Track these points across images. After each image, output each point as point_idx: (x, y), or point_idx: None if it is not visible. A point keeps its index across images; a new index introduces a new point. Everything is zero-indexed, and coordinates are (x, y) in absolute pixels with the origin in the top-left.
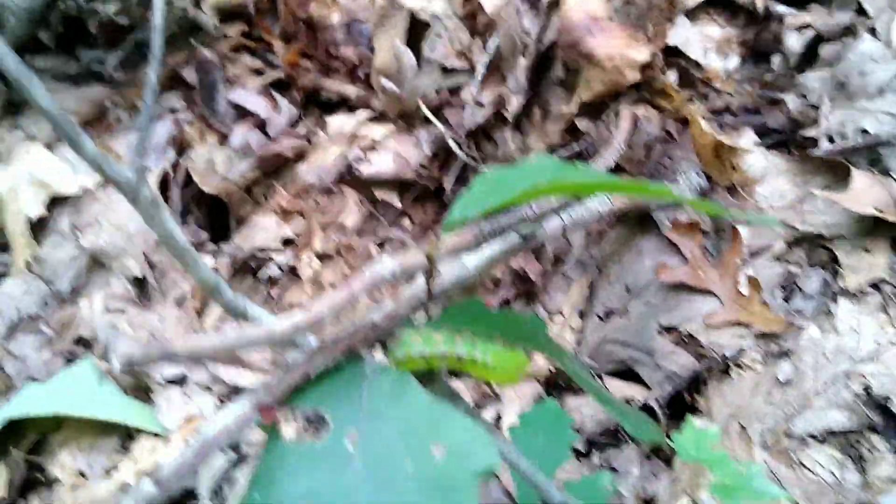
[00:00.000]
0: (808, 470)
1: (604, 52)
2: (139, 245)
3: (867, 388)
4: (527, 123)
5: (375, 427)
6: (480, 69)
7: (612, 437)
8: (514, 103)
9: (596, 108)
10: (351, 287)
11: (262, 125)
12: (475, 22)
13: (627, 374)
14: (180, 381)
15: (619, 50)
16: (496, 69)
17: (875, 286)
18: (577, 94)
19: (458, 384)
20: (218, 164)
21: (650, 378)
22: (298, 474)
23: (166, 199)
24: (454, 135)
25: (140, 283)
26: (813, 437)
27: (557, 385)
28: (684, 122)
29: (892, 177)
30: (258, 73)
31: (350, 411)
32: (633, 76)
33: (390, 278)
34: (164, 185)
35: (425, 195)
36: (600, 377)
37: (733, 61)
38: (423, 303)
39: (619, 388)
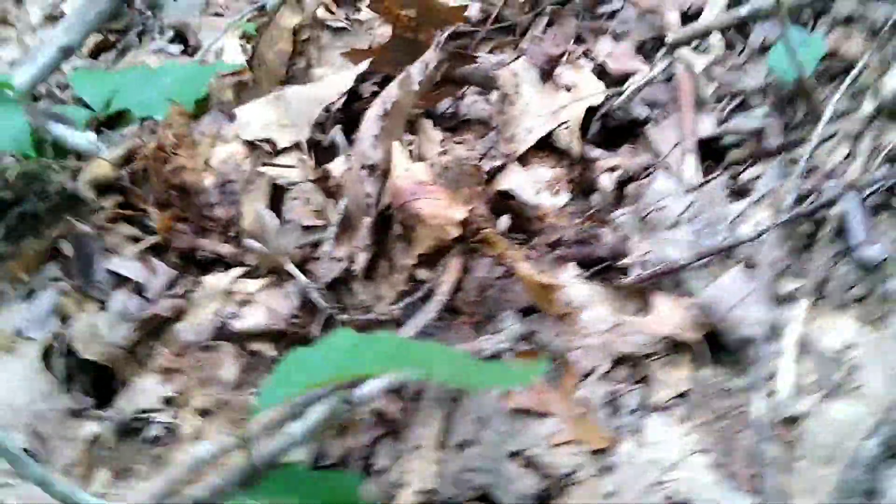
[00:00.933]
0: None
1: (428, 212)
2: (25, 419)
3: (670, 496)
4: (377, 274)
5: None
6: (333, 228)
7: None
8: (361, 259)
9: (433, 258)
10: (170, 475)
11: (139, 290)
12: (328, 185)
13: (485, 498)
14: None
15: (441, 211)
16: (348, 226)
17: (681, 396)
18: (413, 248)
19: None
20: (100, 330)
21: (503, 502)
22: None
23: (50, 368)
24: (318, 286)
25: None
26: None
27: None
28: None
29: (700, 300)
30: (135, 240)
31: None
32: (455, 232)
33: (210, 460)
34: (48, 354)
35: (298, 341)
36: None
37: (563, 198)
38: (247, 475)
39: None
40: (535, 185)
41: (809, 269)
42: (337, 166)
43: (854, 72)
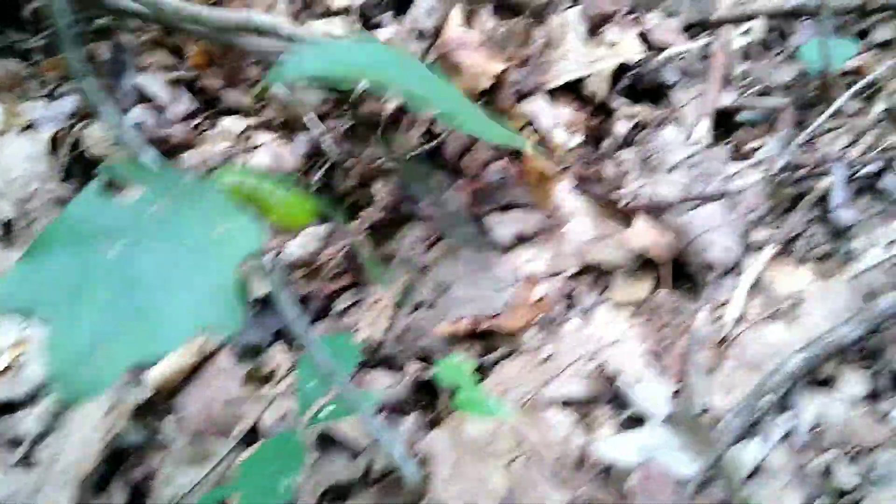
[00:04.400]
0: (546, 427)
1: (468, 62)
2: (17, 192)
3: (601, 366)
4: (394, 129)
5: (179, 206)
6: (364, 83)
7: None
8: (388, 108)
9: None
10: None
11: (159, 110)
12: None
13: (427, 359)
14: None
15: (480, 62)
16: None
17: (634, 305)
18: None
19: None
20: (112, 137)
21: None
22: (106, 210)
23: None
24: (332, 135)
25: (8, 227)
26: (555, 400)
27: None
28: (516, 156)
29: (675, 227)
30: (170, 68)
31: (163, 189)
32: (487, 82)
33: None
34: (57, 145)
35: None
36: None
37: (576, 139)
38: None
39: (419, 369)
40: (554, 118)
41: (784, 225)
42: (384, 33)
43: (870, 77)
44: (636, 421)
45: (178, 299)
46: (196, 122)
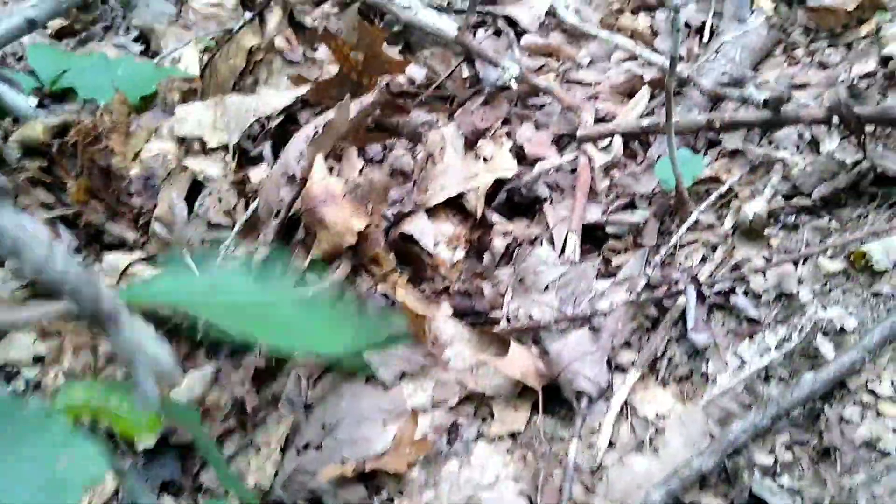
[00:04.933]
0: None
1: (332, 218)
2: None
3: None
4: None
5: (21, 440)
6: (237, 226)
7: None
8: (260, 254)
9: (324, 265)
10: None
11: None
12: (245, 188)
13: (317, 502)
14: None
15: (344, 218)
16: (253, 228)
17: (512, 435)
18: (311, 252)
19: None
20: None
21: None
22: None
23: None
24: None
25: None
26: None
27: None
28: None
29: (548, 353)
30: (49, 207)
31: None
32: (352, 240)
33: None
34: None
35: (177, 331)
36: None
37: (459, 254)
38: None
39: None
40: (436, 236)
41: (647, 346)
42: (257, 173)
43: (721, 189)
44: None
45: None
46: (78, 260)
